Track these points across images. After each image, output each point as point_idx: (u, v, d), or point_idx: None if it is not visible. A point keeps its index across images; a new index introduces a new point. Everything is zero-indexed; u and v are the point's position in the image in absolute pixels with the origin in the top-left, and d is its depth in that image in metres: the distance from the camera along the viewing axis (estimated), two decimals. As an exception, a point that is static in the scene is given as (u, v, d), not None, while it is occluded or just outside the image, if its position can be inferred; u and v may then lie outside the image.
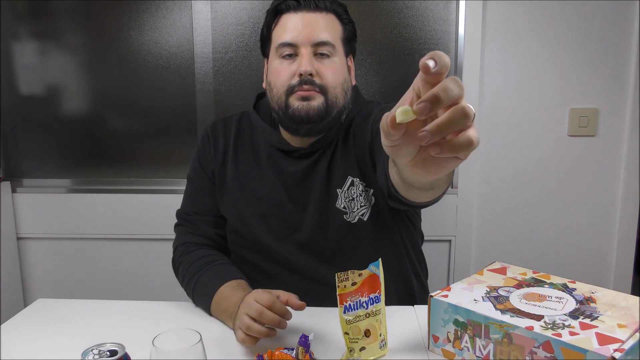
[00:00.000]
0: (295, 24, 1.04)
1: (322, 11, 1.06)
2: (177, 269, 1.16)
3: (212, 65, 1.89)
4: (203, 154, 1.21)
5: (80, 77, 1.94)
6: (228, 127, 1.21)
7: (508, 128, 1.85)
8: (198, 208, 1.20)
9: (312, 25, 1.04)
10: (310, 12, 1.05)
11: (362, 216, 1.10)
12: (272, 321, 0.85)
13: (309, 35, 1.03)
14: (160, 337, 0.69)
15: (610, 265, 1.90)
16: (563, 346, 0.70)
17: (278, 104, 1.07)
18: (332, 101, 1.06)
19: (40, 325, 1.02)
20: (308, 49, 1.03)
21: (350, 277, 0.82)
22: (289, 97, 1.05)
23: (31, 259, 2.02)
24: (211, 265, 1.09)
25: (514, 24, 1.78)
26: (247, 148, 1.18)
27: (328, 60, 1.06)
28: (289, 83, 1.05)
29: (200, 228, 1.18)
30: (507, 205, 1.89)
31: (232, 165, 1.17)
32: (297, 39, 1.04)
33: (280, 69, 1.06)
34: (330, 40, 1.05)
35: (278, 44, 1.06)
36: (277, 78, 1.07)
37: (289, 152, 1.14)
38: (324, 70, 1.05)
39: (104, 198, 1.96)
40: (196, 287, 1.08)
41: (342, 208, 1.10)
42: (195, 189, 1.22)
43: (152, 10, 1.87)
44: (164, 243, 1.95)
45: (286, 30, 1.05)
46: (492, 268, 0.97)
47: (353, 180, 1.10)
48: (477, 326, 0.79)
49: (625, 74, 1.78)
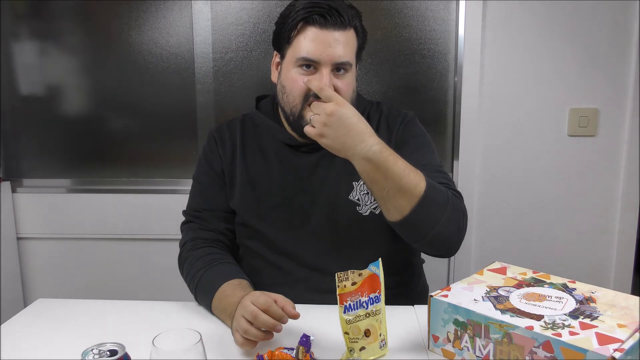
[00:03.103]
0: (320, 41, 1.04)
1: (345, 28, 1.06)
2: (183, 264, 1.17)
3: (212, 65, 1.89)
4: (210, 153, 1.22)
5: (80, 77, 1.94)
6: (232, 129, 1.23)
7: (508, 128, 1.85)
8: (208, 204, 1.21)
9: (335, 44, 1.04)
10: (335, 31, 1.05)
11: (375, 209, 1.12)
12: (267, 324, 0.85)
13: (332, 55, 1.04)
14: (160, 337, 0.69)
15: (610, 266, 1.90)
16: (563, 346, 0.70)
17: (292, 111, 1.09)
18: None
19: (40, 325, 1.02)
20: (328, 67, 1.05)
21: (350, 277, 0.82)
22: (304, 107, 1.06)
23: (31, 259, 2.02)
24: (216, 263, 1.10)
25: (514, 24, 1.78)
26: (254, 146, 1.19)
27: (344, 76, 1.08)
28: (306, 92, 1.06)
29: (212, 223, 1.19)
30: (507, 205, 1.89)
31: (240, 163, 1.18)
32: (320, 58, 1.04)
33: (297, 78, 1.07)
34: (349, 60, 1.07)
35: (300, 57, 1.05)
36: (293, 86, 1.07)
37: (297, 147, 1.16)
38: (340, 85, 1.06)
39: (104, 198, 1.96)
40: (199, 284, 1.08)
41: (356, 200, 1.12)
42: (204, 187, 1.22)
43: (152, 10, 1.87)
44: (164, 243, 1.96)
45: (310, 46, 1.04)
46: (492, 268, 0.97)
47: None
48: (477, 326, 0.79)
49: (625, 74, 1.78)
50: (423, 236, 0.98)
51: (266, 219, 1.15)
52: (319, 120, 0.94)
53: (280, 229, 1.14)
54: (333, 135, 0.93)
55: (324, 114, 0.93)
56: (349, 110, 0.93)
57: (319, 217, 1.13)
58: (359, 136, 0.93)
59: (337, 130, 0.93)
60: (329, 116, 0.92)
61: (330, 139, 0.93)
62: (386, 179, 0.92)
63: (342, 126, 0.92)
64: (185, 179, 1.92)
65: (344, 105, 0.93)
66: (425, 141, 1.17)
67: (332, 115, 0.92)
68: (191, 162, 1.69)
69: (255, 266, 1.18)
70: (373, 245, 1.11)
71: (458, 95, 1.84)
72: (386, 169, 0.92)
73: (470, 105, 1.82)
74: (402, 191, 0.93)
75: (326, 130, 0.93)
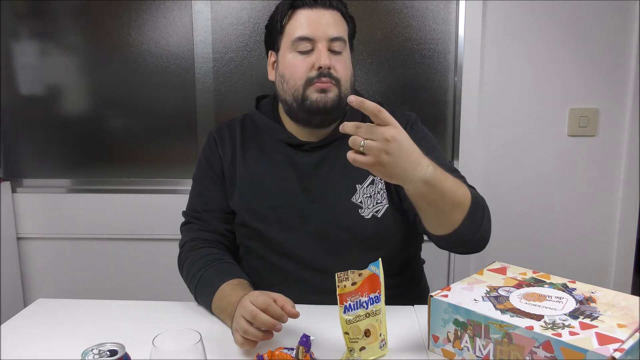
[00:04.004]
0: (312, 19, 1.08)
1: (333, 9, 1.10)
2: (182, 265, 1.17)
3: (212, 65, 1.89)
4: (210, 154, 1.22)
5: (80, 77, 1.94)
6: (232, 128, 1.23)
7: (508, 128, 1.85)
8: (208, 205, 1.20)
9: (327, 21, 1.08)
10: (323, 9, 1.09)
11: (377, 213, 1.12)
12: (267, 324, 0.85)
13: (325, 31, 1.07)
14: (160, 337, 0.69)
15: (610, 265, 1.90)
16: (563, 346, 0.70)
17: (294, 96, 1.10)
18: (344, 94, 1.10)
19: (40, 325, 1.02)
20: (324, 44, 1.07)
21: (350, 277, 0.82)
22: (306, 89, 1.08)
23: (31, 259, 2.02)
24: (215, 263, 1.10)
25: (514, 24, 1.78)
26: (254, 146, 1.19)
27: (340, 56, 1.10)
28: (307, 75, 1.08)
29: (211, 224, 1.19)
30: (507, 205, 1.89)
31: (241, 163, 1.18)
32: (314, 34, 1.07)
33: (296, 62, 1.09)
34: (342, 36, 1.10)
35: (295, 38, 1.09)
36: (293, 70, 1.09)
37: (298, 146, 1.16)
38: (338, 64, 1.09)
39: (104, 198, 1.96)
40: (199, 285, 1.08)
41: (358, 202, 1.12)
42: (203, 187, 1.22)
43: (152, 10, 1.87)
44: (164, 243, 1.96)
45: (303, 25, 1.08)
46: (492, 268, 0.97)
47: (374, 179, 1.12)
48: (477, 326, 0.79)
49: (625, 74, 1.78)
50: (468, 242, 0.98)
51: (266, 219, 1.15)
52: (376, 147, 0.79)
53: (281, 230, 1.14)
54: (394, 163, 0.80)
55: (382, 140, 0.78)
56: (403, 132, 0.82)
57: (319, 218, 1.13)
58: (416, 159, 0.83)
59: (398, 157, 0.80)
60: (389, 142, 0.79)
61: (391, 167, 0.81)
62: (443, 198, 0.88)
63: (403, 152, 0.81)
64: (185, 179, 1.92)
65: (400, 128, 0.82)
66: (434, 142, 1.18)
67: (393, 141, 0.79)
68: (191, 162, 1.69)
69: (255, 266, 1.17)
70: (374, 248, 1.10)
71: (458, 95, 1.84)
72: (442, 188, 0.87)
73: (470, 105, 1.82)
74: (456, 206, 0.91)
75: (386, 159, 0.79)
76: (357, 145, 0.80)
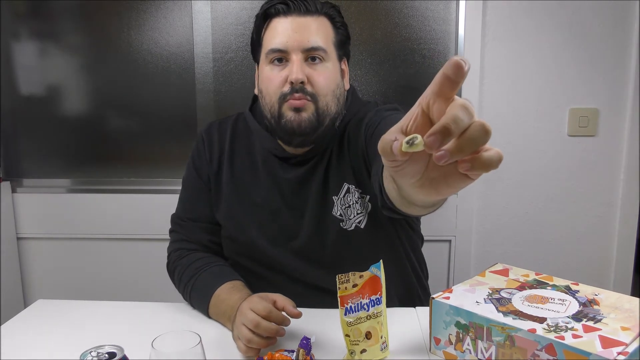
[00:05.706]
0: (285, 28, 1.01)
1: (313, 14, 1.02)
2: (173, 273, 1.16)
3: (212, 65, 1.88)
4: (198, 158, 1.19)
5: (80, 77, 1.94)
6: (223, 130, 1.19)
7: (508, 128, 1.84)
8: (192, 214, 1.18)
9: (302, 29, 1.01)
10: (300, 16, 1.01)
11: (359, 223, 1.08)
12: (270, 331, 0.84)
13: (300, 40, 1.00)
14: (159, 339, 0.68)
15: (610, 266, 1.90)
16: (566, 349, 0.69)
17: (271, 113, 1.05)
18: (323, 110, 1.03)
19: (40, 327, 1.02)
20: (299, 55, 1.00)
21: (351, 279, 0.82)
22: (281, 106, 1.02)
23: (31, 259, 2.02)
24: (206, 268, 1.08)
25: (514, 24, 1.78)
26: (243, 151, 1.16)
27: (320, 66, 1.03)
28: (280, 91, 1.02)
29: (194, 234, 1.16)
30: (507, 206, 1.89)
31: (227, 170, 1.15)
32: (287, 45, 1.00)
33: (270, 75, 1.03)
34: (321, 45, 1.02)
35: (268, 50, 1.03)
36: (268, 85, 1.04)
37: (285, 159, 1.11)
38: (316, 76, 1.02)
39: (104, 198, 1.95)
40: (193, 293, 1.07)
41: (338, 216, 1.08)
42: (190, 195, 1.20)
43: (152, 10, 1.87)
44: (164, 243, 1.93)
45: (276, 36, 1.02)
46: (494, 270, 0.96)
47: (349, 188, 1.08)
48: (479, 328, 0.79)
49: (625, 74, 1.78)
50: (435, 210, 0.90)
51: (253, 234, 1.11)
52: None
53: (268, 245, 1.11)
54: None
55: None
56: None
57: (305, 235, 1.09)
58: None
59: None
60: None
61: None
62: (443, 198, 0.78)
63: None
64: (185, 179, 1.91)
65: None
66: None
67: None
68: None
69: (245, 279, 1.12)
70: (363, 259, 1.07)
71: (458, 95, 1.83)
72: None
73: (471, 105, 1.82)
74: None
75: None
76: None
